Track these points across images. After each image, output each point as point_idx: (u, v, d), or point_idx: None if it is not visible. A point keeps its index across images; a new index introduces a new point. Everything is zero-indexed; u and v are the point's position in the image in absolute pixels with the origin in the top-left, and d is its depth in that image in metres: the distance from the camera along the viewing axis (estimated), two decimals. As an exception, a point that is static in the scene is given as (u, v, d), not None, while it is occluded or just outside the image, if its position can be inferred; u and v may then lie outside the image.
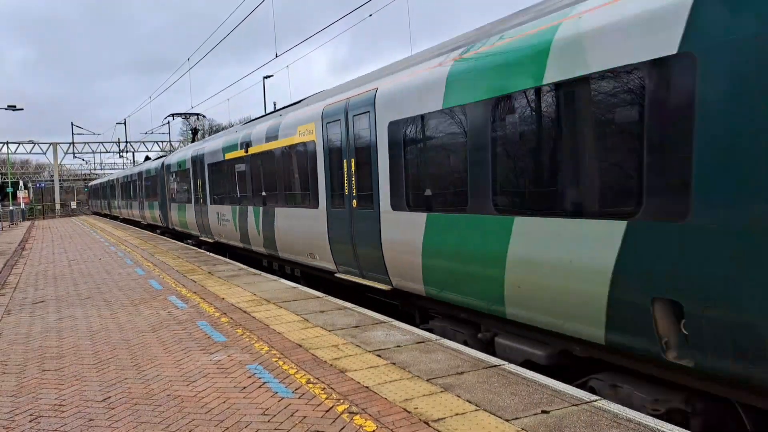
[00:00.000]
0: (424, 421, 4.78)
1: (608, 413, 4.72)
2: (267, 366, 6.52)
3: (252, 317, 8.93)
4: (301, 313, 9.02)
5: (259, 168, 14.29)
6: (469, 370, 5.96)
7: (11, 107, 43.66)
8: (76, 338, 8.36)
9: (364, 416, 4.97)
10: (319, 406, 5.26)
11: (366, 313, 8.81)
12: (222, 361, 6.82)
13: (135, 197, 35.41)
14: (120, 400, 5.78)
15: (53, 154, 71.69)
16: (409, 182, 8.40)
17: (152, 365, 6.86)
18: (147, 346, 7.70)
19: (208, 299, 10.62)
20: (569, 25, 5.71)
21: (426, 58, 8.35)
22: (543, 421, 4.66)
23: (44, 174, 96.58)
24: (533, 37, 6.15)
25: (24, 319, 9.91)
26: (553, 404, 4.98)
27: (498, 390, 5.36)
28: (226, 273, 13.78)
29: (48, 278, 14.70)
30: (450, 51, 7.76)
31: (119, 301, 11.04)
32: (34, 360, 7.38)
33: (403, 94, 8.39)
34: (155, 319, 9.30)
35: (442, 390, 5.44)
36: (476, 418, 4.78)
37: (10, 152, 66.21)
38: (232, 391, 5.83)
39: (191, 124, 31.44)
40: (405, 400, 5.24)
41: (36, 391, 6.19)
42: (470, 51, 7.23)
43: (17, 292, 12.86)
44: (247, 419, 5.12)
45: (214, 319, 9.02)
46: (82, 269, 16.08)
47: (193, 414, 5.32)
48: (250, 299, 10.36)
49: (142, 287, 12.42)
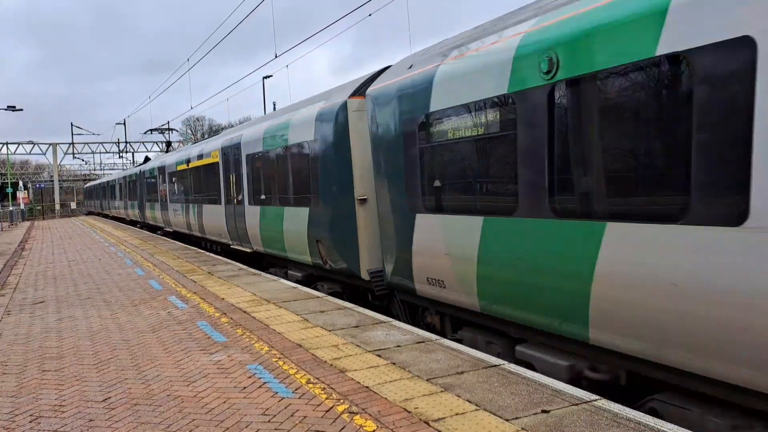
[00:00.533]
0: (424, 421, 4.78)
1: (608, 413, 4.72)
2: (267, 366, 6.52)
3: (252, 317, 8.93)
4: (301, 313, 9.02)
5: (194, 177, 21.15)
6: (469, 369, 5.96)
7: (11, 108, 43.64)
8: (76, 339, 8.36)
9: (364, 416, 4.97)
10: (319, 406, 5.26)
11: (366, 313, 8.82)
12: (222, 361, 6.82)
13: (121, 198, 41.87)
14: (120, 400, 5.78)
15: (53, 155, 71.69)
16: (253, 188, 14.93)
17: (152, 365, 6.86)
18: (147, 347, 7.70)
19: (208, 299, 10.62)
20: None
21: (278, 114, 14.01)
22: (543, 421, 4.66)
23: (44, 174, 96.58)
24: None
25: (24, 319, 9.91)
26: (554, 404, 4.99)
27: (498, 390, 5.36)
28: (226, 273, 13.78)
29: (48, 279, 14.70)
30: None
31: (119, 301, 11.04)
32: (34, 360, 7.38)
33: (254, 142, 14.86)
34: (155, 319, 9.30)
35: (442, 390, 5.44)
36: (476, 418, 4.78)
37: (9, 153, 66.25)
38: (233, 391, 5.83)
39: (167, 137, 39.10)
40: (405, 400, 5.24)
41: (36, 392, 6.19)
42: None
43: (17, 292, 12.86)
44: (248, 419, 5.12)
45: (214, 319, 9.02)
46: (81, 269, 16.08)
47: (193, 414, 5.32)
48: (250, 299, 10.36)
49: (142, 287, 12.42)
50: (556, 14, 6.04)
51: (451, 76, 7.35)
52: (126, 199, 39.12)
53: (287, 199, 12.74)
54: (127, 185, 38.37)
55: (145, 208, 32.22)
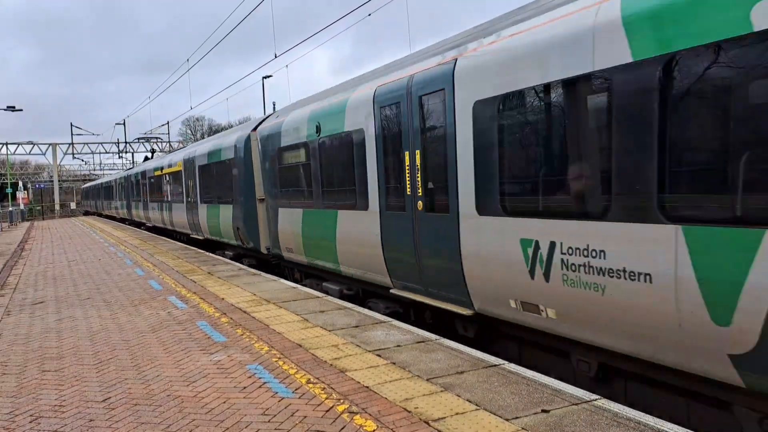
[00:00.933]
0: (424, 421, 4.78)
1: (608, 412, 4.72)
2: (267, 366, 6.52)
3: (252, 317, 8.93)
4: (301, 313, 9.02)
5: (165, 182, 26.11)
6: (469, 369, 5.97)
7: (10, 108, 43.63)
8: (75, 339, 8.36)
9: (365, 416, 4.97)
10: (320, 406, 5.26)
11: (366, 313, 8.82)
12: (222, 362, 6.82)
13: (113, 198, 48.05)
14: (120, 400, 5.78)
15: (52, 155, 71.66)
16: (202, 191, 19.80)
17: (152, 366, 6.86)
18: (147, 347, 7.70)
19: (208, 299, 10.62)
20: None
21: (219, 137, 18.23)
22: (543, 420, 4.66)
23: (44, 175, 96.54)
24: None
25: (24, 319, 9.91)
26: (554, 403, 4.99)
27: (498, 389, 5.37)
28: (225, 273, 13.78)
29: (48, 279, 14.70)
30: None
31: (119, 301, 11.04)
32: (34, 361, 7.38)
33: (201, 156, 19.95)
34: (155, 319, 9.30)
35: (442, 389, 5.44)
36: (476, 418, 4.78)
37: (9, 153, 66.21)
38: (233, 391, 5.83)
39: (151, 145, 42.71)
40: (405, 400, 5.25)
41: (36, 392, 6.19)
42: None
43: (17, 292, 12.86)
44: (248, 419, 5.12)
45: (214, 319, 9.02)
46: (81, 270, 16.08)
47: (193, 414, 5.32)
48: (249, 299, 10.36)
49: (142, 288, 12.42)
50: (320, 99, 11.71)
51: (288, 127, 12.32)
52: (117, 200, 45.16)
53: (221, 199, 17.64)
54: (118, 187, 44.21)
55: (131, 207, 37.93)
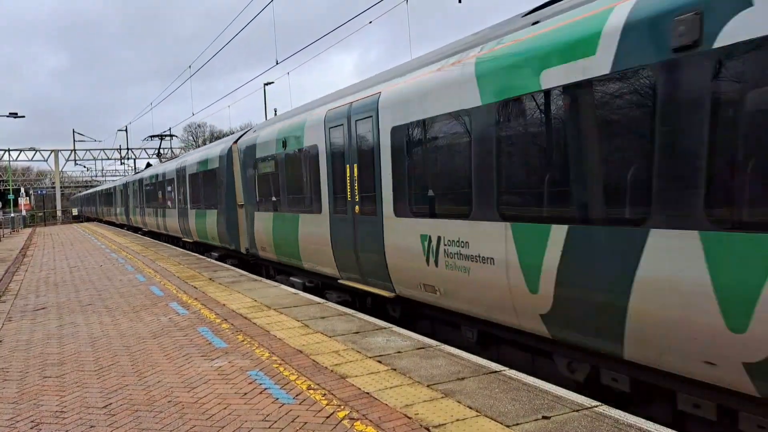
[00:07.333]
0: (424, 427, 4.78)
1: (609, 419, 4.72)
2: (268, 372, 6.52)
3: (253, 323, 8.94)
4: (302, 319, 9.03)
5: (160, 190, 28.12)
6: (469, 375, 5.96)
7: (12, 114, 43.74)
8: (77, 345, 8.37)
9: (365, 422, 4.97)
10: (320, 412, 5.26)
11: (367, 319, 8.82)
12: (223, 368, 6.82)
13: (110, 205, 51.20)
14: (121, 406, 5.79)
15: (54, 161, 71.79)
16: (191, 198, 21.72)
17: (153, 371, 6.86)
18: (148, 353, 7.70)
19: (209, 305, 10.62)
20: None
21: (209, 147, 18.78)
22: (544, 427, 4.66)
23: (45, 181, 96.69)
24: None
25: (25, 326, 9.92)
26: (554, 410, 4.98)
27: (499, 396, 5.36)
28: (226, 279, 13.79)
29: (49, 285, 14.72)
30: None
31: (120, 307, 11.05)
32: (36, 367, 7.38)
33: (191, 166, 21.87)
34: (156, 325, 9.30)
35: (442, 396, 5.44)
36: (477, 424, 4.78)
37: (11, 159, 66.34)
38: (233, 397, 5.83)
39: (160, 142, 44.30)
40: (406, 406, 5.25)
41: (37, 398, 6.20)
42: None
43: (18, 299, 12.87)
44: (248, 425, 5.12)
45: (215, 325, 9.03)
46: (83, 276, 16.09)
47: (194, 420, 5.32)
48: (250, 305, 10.37)
49: (143, 294, 12.43)
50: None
51: (262, 141, 14.00)
52: (116, 206, 47.77)
53: (208, 204, 19.38)
54: (116, 194, 47.02)
55: (129, 213, 40.37)
